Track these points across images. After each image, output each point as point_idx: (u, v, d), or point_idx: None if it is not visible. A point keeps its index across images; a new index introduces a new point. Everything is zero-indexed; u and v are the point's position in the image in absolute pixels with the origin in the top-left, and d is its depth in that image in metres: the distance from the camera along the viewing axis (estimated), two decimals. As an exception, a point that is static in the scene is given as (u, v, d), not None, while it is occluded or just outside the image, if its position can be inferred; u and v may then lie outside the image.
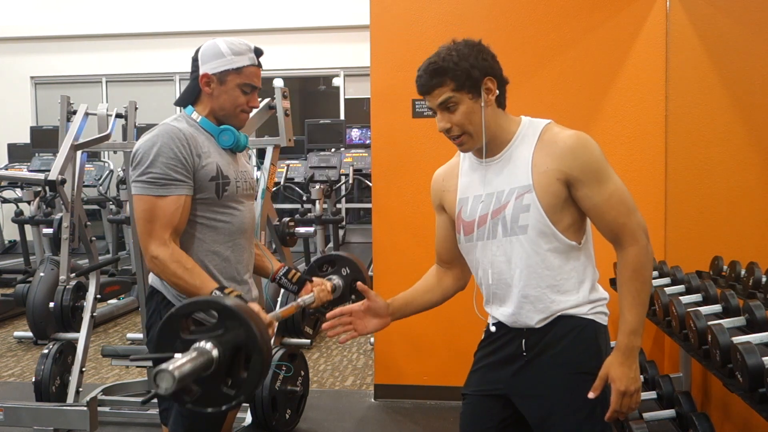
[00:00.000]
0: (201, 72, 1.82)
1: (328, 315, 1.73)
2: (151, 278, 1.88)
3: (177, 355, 1.26)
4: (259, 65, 1.87)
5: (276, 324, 1.68)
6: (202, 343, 1.29)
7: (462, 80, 1.56)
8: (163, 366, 1.19)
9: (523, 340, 1.62)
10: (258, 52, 1.87)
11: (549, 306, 1.59)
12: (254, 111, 1.83)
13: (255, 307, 1.58)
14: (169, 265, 1.71)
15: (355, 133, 7.58)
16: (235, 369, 1.32)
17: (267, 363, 1.34)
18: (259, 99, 3.49)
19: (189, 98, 1.87)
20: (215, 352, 1.29)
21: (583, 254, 1.62)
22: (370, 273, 6.65)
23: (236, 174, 1.88)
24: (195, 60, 1.85)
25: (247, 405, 3.14)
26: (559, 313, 1.59)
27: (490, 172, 1.63)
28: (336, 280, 2.04)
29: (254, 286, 2.00)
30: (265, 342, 1.33)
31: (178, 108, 1.95)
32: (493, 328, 1.70)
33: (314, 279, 1.99)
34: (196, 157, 1.77)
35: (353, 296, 2.04)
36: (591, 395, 1.55)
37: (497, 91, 1.60)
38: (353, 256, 2.14)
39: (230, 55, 1.81)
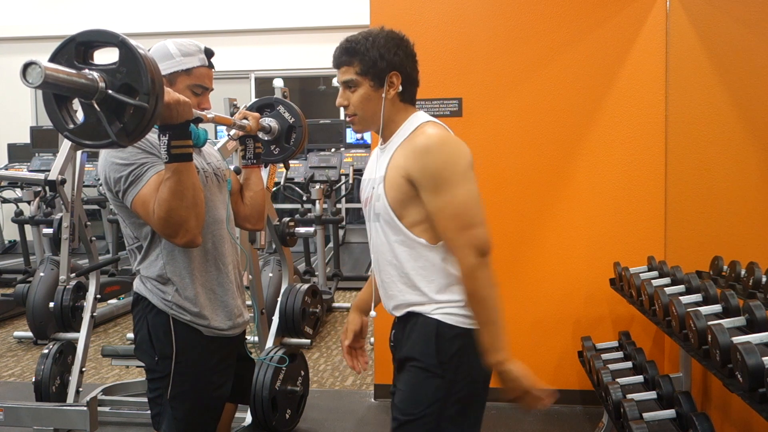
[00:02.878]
0: None
1: (346, 355, 1.91)
2: (136, 284, 1.85)
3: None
4: (211, 66, 1.83)
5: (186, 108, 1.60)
6: (90, 71, 1.30)
7: (367, 66, 1.62)
8: (38, 60, 1.17)
9: (393, 332, 1.74)
10: (209, 53, 1.83)
11: (397, 294, 1.65)
12: (209, 113, 1.79)
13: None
14: (157, 202, 1.62)
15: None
16: (121, 112, 1.32)
17: (152, 114, 1.34)
18: (259, 99, 3.51)
19: None
20: (102, 84, 1.29)
21: (436, 255, 1.61)
22: (369, 273, 6.67)
23: (202, 165, 1.84)
24: None
25: (247, 405, 3.14)
26: (408, 309, 1.64)
27: (376, 159, 1.72)
28: (272, 122, 2.23)
29: (244, 306, 1.97)
30: (155, 89, 1.33)
31: None
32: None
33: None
34: (156, 151, 1.70)
35: (292, 141, 2.27)
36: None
37: (400, 87, 1.65)
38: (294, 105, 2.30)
39: (179, 57, 1.77)
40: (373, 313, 1.82)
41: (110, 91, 1.31)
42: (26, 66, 1.17)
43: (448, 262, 1.61)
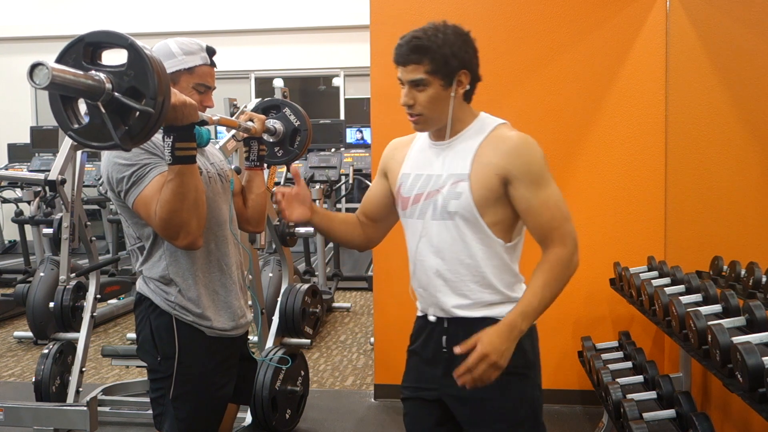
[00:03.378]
0: None
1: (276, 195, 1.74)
2: (138, 284, 1.86)
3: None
4: (212, 64, 1.84)
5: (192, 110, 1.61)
6: (97, 73, 1.30)
7: (439, 65, 1.56)
8: (45, 60, 1.17)
9: (444, 337, 1.65)
10: (210, 51, 1.83)
11: (468, 294, 1.61)
12: (213, 115, 1.80)
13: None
14: (159, 204, 1.63)
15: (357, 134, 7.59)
16: (126, 115, 1.32)
17: (158, 119, 1.34)
18: (259, 99, 3.51)
19: None
20: (108, 86, 1.29)
21: (509, 255, 1.63)
22: (369, 273, 6.68)
23: (205, 166, 1.84)
24: None
25: (247, 405, 3.14)
26: (483, 311, 1.61)
27: (435, 155, 1.67)
28: (277, 123, 2.21)
29: (247, 307, 1.97)
30: (162, 94, 1.33)
31: None
32: (420, 313, 1.74)
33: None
34: (159, 146, 1.71)
35: (296, 144, 2.25)
36: (457, 349, 1.53)
37: (468, 86, 1.62)
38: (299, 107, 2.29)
39: (181, 55, 1.77)
40: (432, 314, 1.70)
41: (116, 94, 1.30)
42: (33, 67, 1.17)
43: (514, 262, 1.65)
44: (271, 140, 2.24)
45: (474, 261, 1.60)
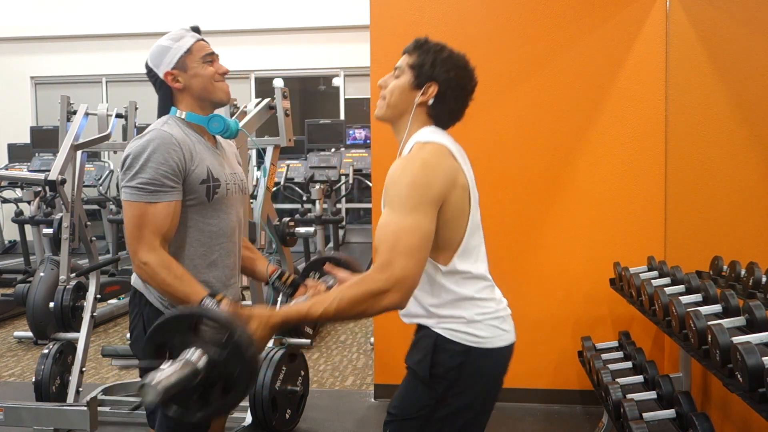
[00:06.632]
0: (161, 75, 1.83)
1: None
2: (133, 279, 1.88)
3: (164, 365, 1.28)
4: (202, 38, 1.89)
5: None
6: (189, 353, 1.29)
7: (418, 64, 1.62)
8: (147, 380, 1.22)
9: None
10: (195, 29, 1.90)
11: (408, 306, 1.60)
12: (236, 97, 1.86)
13: (252, 313, 1.61)
14: (159, 271, 1.70)
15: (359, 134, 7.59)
16: (221, 379, 1.32)
17: (252, 375, 1.34)
18: (260, 99, 3.51)
19: (167, 105, 1.88)
20: (201, 363, 1.29)
21: (434, 272, 1.58)
22: (370, 273, 6.67)
23: (226, 176, 1.87)
24: (150, 71, 1.85)
25: (247, 405, 3.14)
26: (414, 319, 1.67)
27: None
28: (332, 281, 2.08)
29: (238, 290, 2.00)
30: (253, 360, 1.32)
31: None
32: None
33: (308, 282, 2.02)
34: (187, 161, 1.76)
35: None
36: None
37: (431, 101, 1.61)
38: (351, 258, 2.17)
39: (175, 44, 1.83)
40: None
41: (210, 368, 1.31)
42: (140, 388, 1.22)
43: (450, 280, 1.58)
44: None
45: None
